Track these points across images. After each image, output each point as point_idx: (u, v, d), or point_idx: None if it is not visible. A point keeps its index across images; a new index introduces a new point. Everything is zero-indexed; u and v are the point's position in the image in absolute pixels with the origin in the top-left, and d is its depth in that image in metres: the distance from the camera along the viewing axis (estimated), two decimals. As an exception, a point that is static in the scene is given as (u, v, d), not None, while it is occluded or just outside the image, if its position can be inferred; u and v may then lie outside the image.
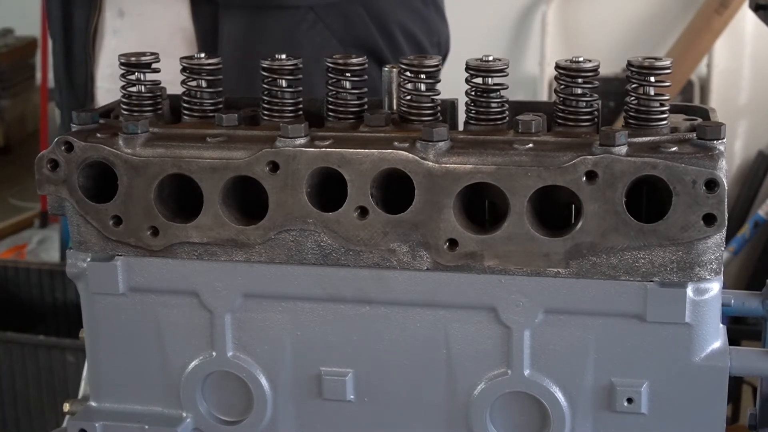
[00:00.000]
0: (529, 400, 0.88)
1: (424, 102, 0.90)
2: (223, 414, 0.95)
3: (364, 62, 0.92)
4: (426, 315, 0.88)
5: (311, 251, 0.88)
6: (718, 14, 3.40)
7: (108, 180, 0.90)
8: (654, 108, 0.86)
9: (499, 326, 0.87)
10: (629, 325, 0.85)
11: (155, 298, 0.93)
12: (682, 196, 0.81)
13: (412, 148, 0.85)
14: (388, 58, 1.69)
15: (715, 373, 0.85)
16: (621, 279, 0.84)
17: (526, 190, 0.83)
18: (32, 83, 5.43)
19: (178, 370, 0.94)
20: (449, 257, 0.85)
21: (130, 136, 0.89)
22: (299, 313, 0.90)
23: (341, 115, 0.92)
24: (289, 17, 1.63)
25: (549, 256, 0.84)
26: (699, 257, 0.82)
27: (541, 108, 0.92)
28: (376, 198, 0.86)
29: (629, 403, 0.86)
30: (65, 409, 1.00)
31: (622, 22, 3.69)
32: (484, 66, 0.88)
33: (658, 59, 0.86)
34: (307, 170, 0.86)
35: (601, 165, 0.81)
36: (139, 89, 0.94)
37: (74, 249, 0.93)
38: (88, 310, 0.95)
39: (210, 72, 0.94)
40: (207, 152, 0.88)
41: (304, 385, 0.92)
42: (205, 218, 0.89)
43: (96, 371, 0.97)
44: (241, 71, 1.48)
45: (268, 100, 0.93)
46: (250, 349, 0.92)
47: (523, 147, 0.84)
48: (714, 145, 0.82)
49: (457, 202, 0.85)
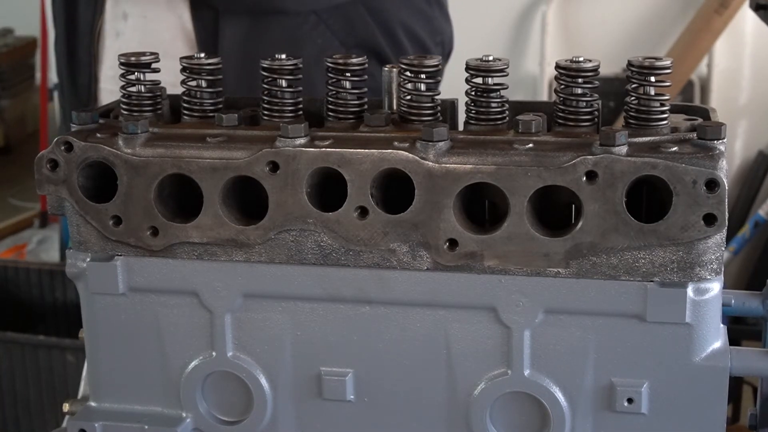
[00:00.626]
0: (529, 400, 0.88)
1: (424, 102, 0.90)
2: (223, 414, 0.95)
3: (364, 62, 0.92)
4: (426, 315, 0.88)
5: (311, 251, 0.88)
6: (718, 14, 3.40)
7: (108, 180, 0.90)
8: (654, 108, 0.86)
9: (499, 326, 0.87)
10: (629, 325, 0.84)
11: (155, 298, 0.93)
12: (682, 196, 0.81)
13: (412, 148, 0.85)
14: (390, 58, 1.69)
15: (715, 373, 0.85)
16: (621, 279, 0.83)
17: (526, 190, 0.83)
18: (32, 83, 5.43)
19: (178, 370, 0.94)
20: (449, 257, 0.85)
21: (130, 136, 0.89)
22: (299, 313, 0.90)
23: (341, 115, 0.92)
24: (291, 20, 1.63)
25: (549, 256, 0.84)
26: (699, 257, 0.82)
27: (541, 108, 0.92)
28: (376, 198, 0.86)
29: (629, 403, 0.86)
30: (65, 409, 1.00)
31: (622, 22, 3.69)
32: (484, 66, 0.87)
33: (658, 59, 0.86)
34: (307, 170, 0.86)
35: (601, 165, 0.81)
36: (139, 89, 0.94)
37: (74, 249, 0.93)
38: (88, 310, 0.95)
39: (210, 72, 0.94)
40: (207, 152, 0.88)
41: (304, 385, 0.92)
42: (205, 218, 0.89)
43: (96, 371, 0.97)
44: (242, 74, 1.48)
45: (268, 100, 0.93)
46: (250, 349, 0.92)
47: (523, 147, 0.84)
48: (714, 145, 0.82)
49: (457, 202, 0.84)
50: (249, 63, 1.49)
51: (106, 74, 1.71)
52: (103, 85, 1.73)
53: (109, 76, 1.71)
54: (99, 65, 1.71)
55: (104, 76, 1.72)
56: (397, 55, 1.70)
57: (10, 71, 5.34)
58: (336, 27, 1.65)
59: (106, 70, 1.71)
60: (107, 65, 1.71)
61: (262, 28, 1.61)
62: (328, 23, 1.64)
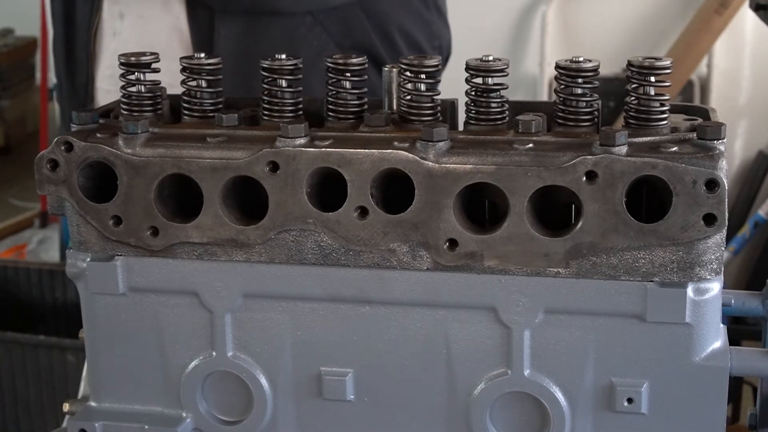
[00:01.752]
0: (529, 400, 0.88)
1: (424, 102, 0.90)
2: (223, 414, 0.95)
3: (364, 62, 0.92)
4: (426, 315, 0.88)
5: (311, 251, 0.88)
6: (718, 14, 3.40)
7: (108, 180, 0.90)
8: (654, 108, 0.86)
9: (499, 326, 0.87)
10: (629, 325, 0.84)
11: (155, 298, 0.93)
12: (682, 196, 0.81)
13: (412, 148, 0.85)
14: (386, 61, 1.68)
15: (715, 373, 0.85)
16: (621, 279, 0.83)
17: (526, 190, 0.83)
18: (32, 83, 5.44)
19: (178, 370, 0.94)
20: (449, 257, 0.85)
21: (130, 136, 0.89)
22: (299, 313, 0.90)
23: (341, 115, 0.92)
24: (287, 21, 1.62)
25: (549, 256, 0.84)
26: (699, 257, 0.82)
27: (541, 108, 0.92)
28: (376, 198, 0.86)
29: (629, 403, 0.86)
30: (65, 409, 1.00)
31: (622, 22, 3.69)
32: (484, 66, 0.87)
33: (658, 59, 0.86)
34: (307, 170, 0.86)
35: (601, 165, 0.81)
36: (139, 89, 0.94)
37: (74, 249, 0.93)
38: (88, 310, 0.95)
39: (210, 72, 0.94)
40: (207, 152, 0.88)
41: (304, 385, 0.92)
42: (205, 218, 0.89)
43: (96, 371, 0.97)
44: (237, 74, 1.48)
45: (268, 100, 0.93)
46: (250, 349, 0.92)
47: (523, 147, 0.84)
48: (714, 145, 0.82)
49: (457, 202, 0.85)
50: (244, 63, 1.49)
51: (103, 74, 1.71)
52: (100, 84, 1.72)
53: (107, 76, 1.71)
54: (96, 64, 1.71)
55: (101, 76, 1.72)
56: (393, 58, 1.70)
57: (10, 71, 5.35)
58: (332, 29, 1.65)
59: (103, 70, 1.71)
60: (104, 65, 1.71)
61: (257, 29, 1.61)
62: (324, 25, 1.64)
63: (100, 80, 1.72)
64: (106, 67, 1.71)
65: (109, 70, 1.70)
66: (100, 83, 1.72)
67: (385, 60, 1.68)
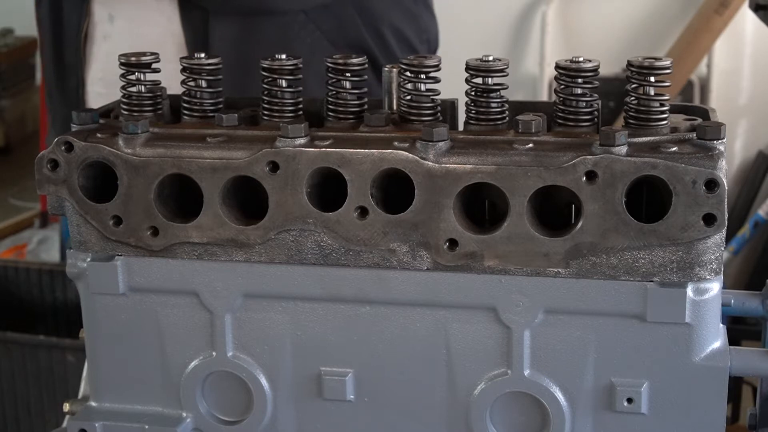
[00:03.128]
0: (529, 400, 0.88)
1: (424, 102, 0.90)
2: (223, 414, 0.95)
3: (364, 62, 0.92)
4: (426, 315, 0.88)
5: (311, 251, 0.88)
6: (718, 14, 3.40)
7: (108, 180, 0.90)
8: (654, 108, 0.86)
9: (499, 326, 0.87)
10: (629, 325, 0.85)
11: (155, 298, 0.93)
12: (682, 196, 0.81)
13: (412, 148, 0.85)
14: (378, 58, 1.69)
15: (715, 373, 0.85)
16: (621, 279, 0.84)
17: (526, 190, 0.83)
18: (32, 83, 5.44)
19: (178, 370, 0.94)
20: (449, 257, 0.85)
21: (130, 136, 0.89)
22: (299, 313, 0.90)
23: (341, 115, 0.92)
24: (280, 20, 1.62)
25: (549, 256, 0.84)
26: (699, 257, 0.82)
27: (541, 108, 0.92)
28: (376, 198, 0.86)
29: (629, 403, 0.86)
30: (65, 409, 1.00)
31: (622, 22, 3.69)
32: (484, 66, 0.88)
33: (658, 59, 0.86)
34: (307, 170, 0.86)
35: (601, 165, 0.81)
36: (139, 89, 0.94)
37: (74, 249, 0.93)
38: (88, 310, 0.95)
39: (210, 72, 0.94)
40: (207, 152, 0.88)
41: (304, 385, 0.92)
42: (205, 218, 0.89)
43: (96, 371, 0.97)
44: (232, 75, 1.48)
45: (268, 100, 0.93)
46: (250, 349, 0.92)
47: (523, 147, 0.84)
48: (714, 145, 0.82)
49: (457, 202, 0.85)
50: (239, 64, 1.49)
51: (94, 77, 1.71)
52: (91, 87, 1.72)
53: (98, 79, 1.71)
54: (87, 68, 1.71)
55: (92, 79, 1.71)
56: (384, 54, 1.70)
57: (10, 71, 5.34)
58: (325, 27, 1.65)
59: (94, 73, 1.71)
60: (95, 68, 1.70)
61: (251, 29, 1.61)
62: (317, 23, 1.64)
63: (90, 83, 1.72)
64: (97, 71, 1.70)
65: (101, 73, 1.70)
66: (91, 86, 1.72)
67: (377, 57, 1.68)
